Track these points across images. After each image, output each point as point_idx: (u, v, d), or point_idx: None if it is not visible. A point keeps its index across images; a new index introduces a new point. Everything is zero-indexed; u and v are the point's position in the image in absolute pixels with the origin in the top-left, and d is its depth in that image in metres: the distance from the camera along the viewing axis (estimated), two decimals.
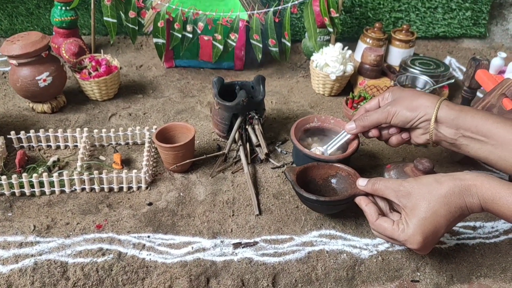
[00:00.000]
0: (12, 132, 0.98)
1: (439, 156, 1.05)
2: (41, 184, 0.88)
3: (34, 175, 0.87)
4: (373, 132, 0.88)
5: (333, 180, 0.88)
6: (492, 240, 0.85)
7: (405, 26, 1.34)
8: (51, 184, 0.88)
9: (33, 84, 1.05)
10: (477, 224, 0.88)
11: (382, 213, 0.77)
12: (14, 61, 1.03)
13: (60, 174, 0.89)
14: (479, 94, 1.20)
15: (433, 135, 0.80)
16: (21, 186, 0.87)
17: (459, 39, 1.60)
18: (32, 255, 0.76)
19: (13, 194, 0.88)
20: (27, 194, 0.88)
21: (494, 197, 0.66)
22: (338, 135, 0.93)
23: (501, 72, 1.14)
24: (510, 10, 1.60)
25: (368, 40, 1.34)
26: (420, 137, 0.83)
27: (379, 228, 0.74)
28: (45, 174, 0.87)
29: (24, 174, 0.86)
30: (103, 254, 0.77)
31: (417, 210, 0.70)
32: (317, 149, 0.94)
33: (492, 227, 0.88)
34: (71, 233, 0.81)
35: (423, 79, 1.18)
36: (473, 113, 0.77)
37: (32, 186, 0.87)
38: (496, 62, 1.12)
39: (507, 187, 0.66)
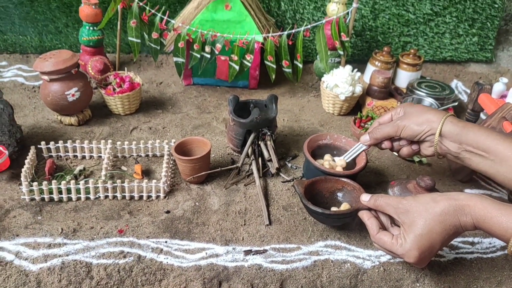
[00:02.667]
0: (43, 142, 1.06)
1: (442, 175, 1.10)
2: (68, 190, 0.95)
3: (63, 182, 0.94)
4: (386, 144, 0.94)
5: (339, 194, 0.94)
6: (489, 255, 0.90)
7: (412, 51, 1.41)
8: (78, 191, 0.95)
9: (62, 99, 1.13)
10: (476, 240, 0.93)
11: (383, 227, 0.82)
12: (46, 77, 1.11)
13: (86, 182, 0.96)
14: (482, 116, 1.26)
15: (438, 148, 0.86)
16: (50, 192, 0.94)
17: (466, 63, 1.65)
18: (59, 255, 0.83)
19: (42, 199, 0.95)
20: (56, 199, 0.95)
21: (486, 217, 0.70)
22: (354, 147, 0.99)
23: (503, 96, 1.19)
24: None
25: (376, 63, 1.41)
26: (428, 149, 0.89)
27: (379, 242, 0.80)
28: (72, 181, 0.95)
29: (53, 181, 0.94)
30: (124, 256, 0.83)
31: (414, 227, 0.75)
32: (336, 159, 1.00)
33: (490, 243, 0.92)
34: (95, 236, 0.87)
35: (428, 101, 1.24)
36: (476, 129, 0.83)
37: (60, 192, 0.95)
38: (498, 87, 1.17)
39: (498, 208, 0.70)
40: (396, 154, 1.15)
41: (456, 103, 1.20)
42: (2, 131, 1.00)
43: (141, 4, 1.26)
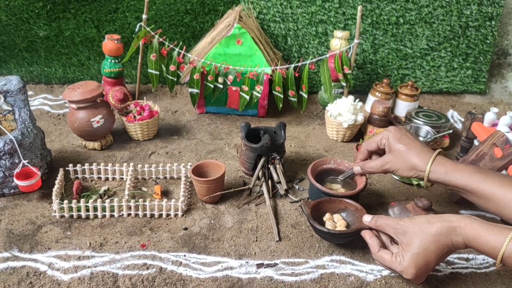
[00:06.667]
0: (70, 165, 1.15)
1: (439, 197, 1.18)
2: (95, 209, 1.04)
3: (90, 201, 1.03)
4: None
5: (343, 214, 1.02)
6: (483, 270, 0.97)
7: (410, 82, 1.51)
8: (103, 209, 1.04)
9: (88, 125, 1.23)
10: (470, 256, 1.00)
11: (384, 245, 0.90)
12: (74, 105, 1.21)
13: (111, 201, 1.05)
14: (475, 143, 1.35)
15: (427, 186, 0.96)
16: (78, 210, 1.03)
17: (461, 94, 1.76)
18: (88, 267, 0.91)
19: (71, 216, 1.03)
20: (83, 217, 1.03)
21: (475, 237, 0.78)
22: (349, 171, 1.10)
23: (494, 125, 1.28)
24: (508, 70, 1.76)
25: (377, 93, 1.51)
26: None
27: (379, 259, 0.88)
28: (98, 200, 1.04)
29: (81, 200, 1.02)
30: (147, 268, 0.91)
31: (411, 246, 0.83)
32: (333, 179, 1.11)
33: (483, 259, 0.99)
34: (120, 250, 0.95)
35: (425, 129, 1.34)
36: (458, 172, 0.89)
37: (87, 210, 1.03)
38: (489, 117, 1.26)
39: (486, 228, 0.78)
40: (395, 177, 1.24)
41: (450, 131, 1.30)
42: (35, 154, 1.09)
43: (161, 39, 1.38)
